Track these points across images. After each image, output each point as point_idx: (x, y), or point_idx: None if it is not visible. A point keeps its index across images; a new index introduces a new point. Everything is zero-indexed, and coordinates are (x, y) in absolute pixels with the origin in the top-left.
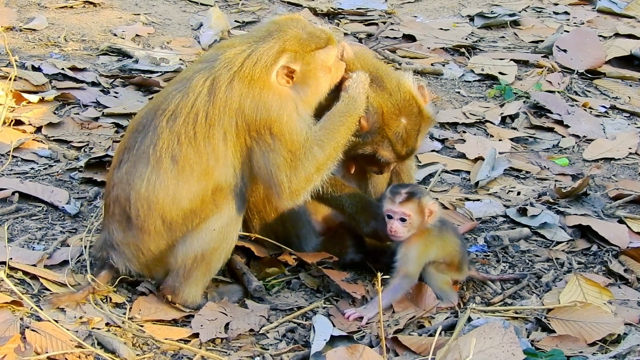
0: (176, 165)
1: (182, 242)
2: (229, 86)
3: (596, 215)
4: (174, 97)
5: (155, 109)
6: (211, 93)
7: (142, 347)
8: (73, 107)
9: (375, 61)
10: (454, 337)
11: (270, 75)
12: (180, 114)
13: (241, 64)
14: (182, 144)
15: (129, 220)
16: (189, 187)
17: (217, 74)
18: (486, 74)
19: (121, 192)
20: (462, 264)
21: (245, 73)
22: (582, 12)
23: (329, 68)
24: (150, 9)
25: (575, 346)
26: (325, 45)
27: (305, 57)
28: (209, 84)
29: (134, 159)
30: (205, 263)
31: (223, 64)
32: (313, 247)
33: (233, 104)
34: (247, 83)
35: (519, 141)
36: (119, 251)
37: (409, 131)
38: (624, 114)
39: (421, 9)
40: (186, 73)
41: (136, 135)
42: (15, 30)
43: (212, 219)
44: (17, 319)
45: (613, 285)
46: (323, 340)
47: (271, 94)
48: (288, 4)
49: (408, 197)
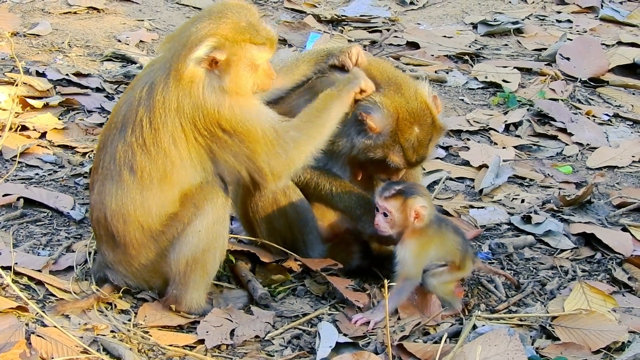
0: (135, 176)
1: (172, 249)
2: (165, 87)
3: (600, 223)
4: (121, 109)
5: (110, 124)
6: (149, 97)
7: (148, 354)
8: (77, 113)
9: (393, 69)
10: (459, 344)
11: (191, 61)
12: (128, 124)
13: (171, 58)
14: (135, 153)
15: (114, 239)
16: (153, 194)
17: (155, 77)
18: (490, 81)
19: (99, 212)
20: (464, 261)
21: (176, 68)
22: (585, 20)
23: (255, 66)
24: (154, 15)
25: (580, 354)
26: (261, 43)
27: (233, 46)
28: (147, 88)
29: (102, 178)
30: (200, 265)
31: (160, 65)
32: (319, 253)
33: (172, 105)
34: (179, 79)
35: (522, 149)
36: (114, 270)
37: (421, 139)
38: (627, 122)
39: (424, 16)
40: (132, 83)
41: (100, 154)
42: (19, 35)
43: (195, 221)
44: (22, 325)
45: (617, 293)
46: (328, 347)
47: (198, 85)
48: (291, 11)
49: (395, 194)
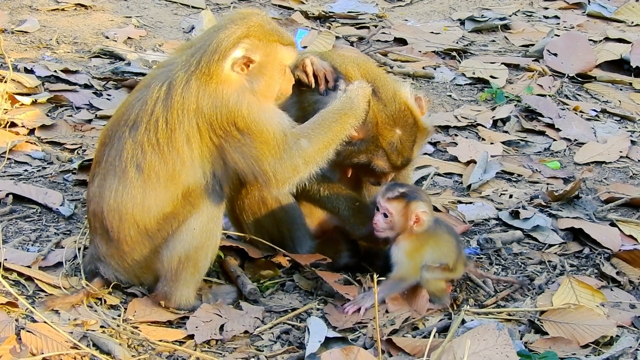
0: (142, 174)
1: (165, 246)
2: (185, 87)
3: (588, 218)
4: (134, 107)
5: (119, 120)
6: (168, 97)
7: (137, 349)
8: (66, 110)
9: (375, 70)
10: (448, 338)
11: (225, 64)
12: (141, 123)
13: (199, 60)
14: (145, 152)
15: (108, 233)
16: (157, 194)
17: (174, 77)
18: (477, 77)
19: (96, 206)
20: (457, 263)
21: (202, 69)
22: (572, 16)
23: (284, 67)
24: (141, 12)
25: (568, 348)
26: (287, 44)
27: (267, 46)
28: (165, 88)
29: (104, 172)
30: (192, 263)
31: (180, 66)
32: (307, 250)
33: (191, 105)
34: (203, 80)
35: (510, 144)
36: (106, 263)
37: (404, 142)
38: (615, 118)
39: (412, 12)
40: (145, 80)
41: (104, 148)
42: (7, 32)
43: (190, 219)
44: (12, 320)
45: (605, 288)
46: (318, 342)
47: (226, 87)
48: (279, 7)
49: (398, 196)
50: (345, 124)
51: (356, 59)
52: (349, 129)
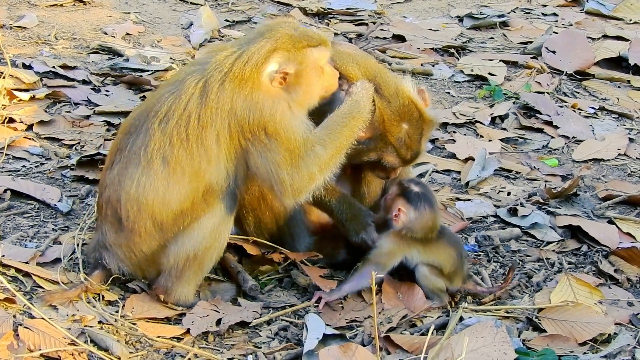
0: (167, 167)
1: (174, 242)
2: (220, 87)
3: (586, 215)
4: (166, 100)
5: (148, 111)
6: (203, 95)
7: (135, 345)
8: (64, 105)
9: (375, 66)
10: (446, 336)
11: (261, 74)
12: (173, 116)
13: (232, 65)
14: (174, 145)
15: (121, 222)
16: (179, 188)
17: (209, 75)
18: (476, 74)
19: (113, 193)
20: (454, 274)
21: (235, 73)
22: (570, 14)
23: (321, 68)
24: (140, 8)
25: (566, 346)
26: (317, 44)
27: (297, 55)
28: (200, 85)
29: (126, 160)
30: (198, 262)
31: (214, 66)
32: (306, 246)
33: (225, 106)
34: (237, 84)
35: (508, 141)
36: (112, 252)
37: (412, 136)
38: (613, 115)
39: (410, 9)
40: (179, 75)
41: (128, 137)
42: (5, 28)
43: (203, 218)
44: (10, 316)
45: (603, 285)
46: (316, 339)
47: (262, 94)
48: (278, 4)
49: (403, 187)
50: (354, 127)
51: (355, 57)
52: (358, 131)
